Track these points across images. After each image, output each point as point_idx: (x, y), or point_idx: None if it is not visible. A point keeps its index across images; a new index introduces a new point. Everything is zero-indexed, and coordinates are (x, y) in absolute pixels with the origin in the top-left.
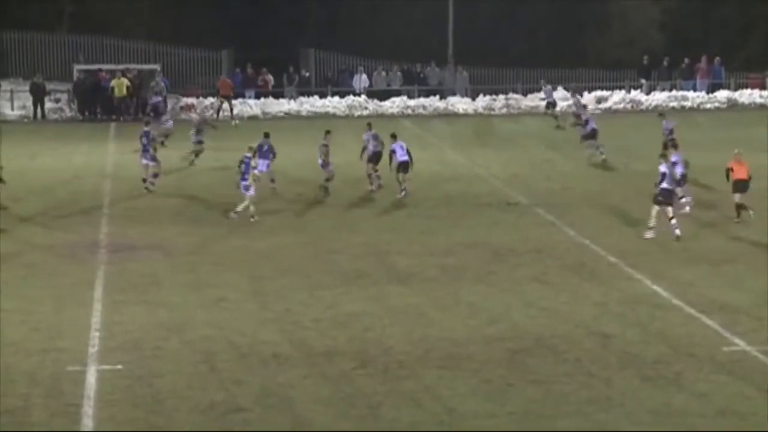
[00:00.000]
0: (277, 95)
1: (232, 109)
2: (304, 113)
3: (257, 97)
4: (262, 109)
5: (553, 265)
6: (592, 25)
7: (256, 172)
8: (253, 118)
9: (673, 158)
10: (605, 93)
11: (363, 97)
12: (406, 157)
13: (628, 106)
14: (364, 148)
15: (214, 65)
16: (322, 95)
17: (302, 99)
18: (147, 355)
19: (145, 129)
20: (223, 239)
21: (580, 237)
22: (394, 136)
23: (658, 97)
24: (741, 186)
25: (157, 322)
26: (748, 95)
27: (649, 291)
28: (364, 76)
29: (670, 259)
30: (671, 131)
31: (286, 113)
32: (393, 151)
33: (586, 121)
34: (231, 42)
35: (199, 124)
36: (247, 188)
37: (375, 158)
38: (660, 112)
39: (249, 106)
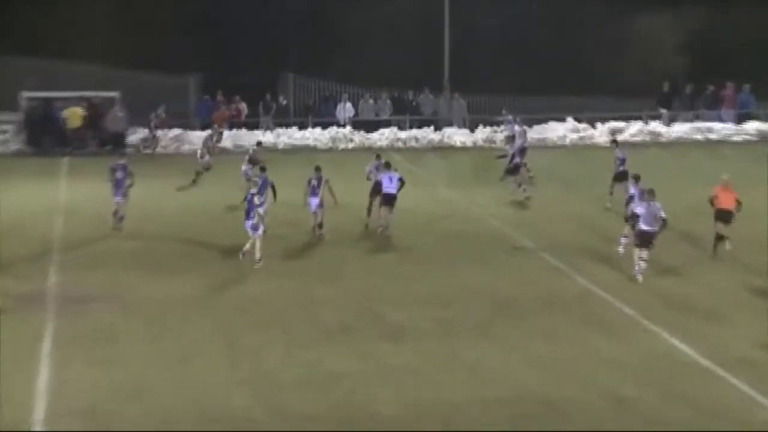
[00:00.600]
0: (251, 126)
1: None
2: (281, 146)
3: (229, 127)
4: (233, 141)
5: (561, 316)
6: (605, 47)
7: (260, 210)
8: (223, 152)
9: (632, 189)
10: (620, 124)
11: (348, 128)
12: (392, 190)
13: (647, 138)
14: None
15: (180, 92)
16: (302, 126)
17: (279, 130)
18: (101, 423)
19: (121, 162)
20: (189, 287)
21: (591, 284)
22: (387, 165)
23: (680, 129)
24: (724, 215)
25: (112, 383)
26: None
27: (668, 346)
28: (349, 105)
29: (691, 310)
30: (623, 161)
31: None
32: (379, 182)
33: (512, 156)
34: (200, 66)
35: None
36: (255, 228)
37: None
38: (613, 139)
39: None
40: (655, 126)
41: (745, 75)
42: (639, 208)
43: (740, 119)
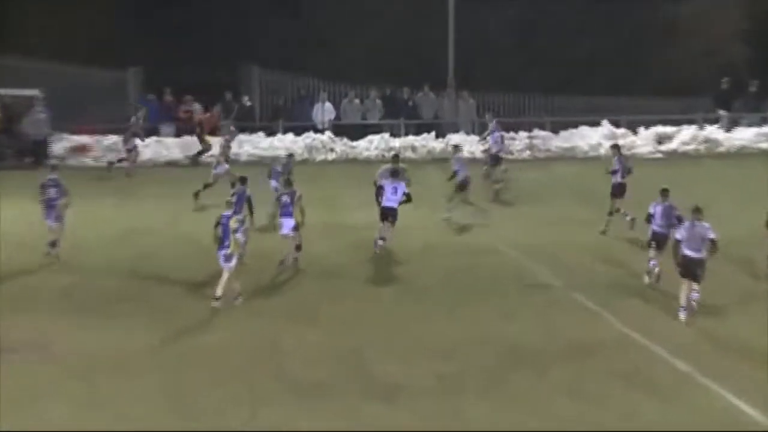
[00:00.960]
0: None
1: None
2: (244, 157)
3: (178, 134)
4: (183, 151)
5: (594, 370)
6: (650, 36)
7: (238, 235)
8: (172, 163)
9: (652, 207)
10: (668, 129)
11: (327, 134)
12: (393, 204)
13: (702, 147)
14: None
15: (116, 89)
16: (270, 132)
17: (242, 137)
18: None
19: (51, 177)
20: (130, 334)
21: (630, 330)
22: (395, 173)
23: (743, 136)
24: None
25: None
26: None
27: (725, 404)
28: (329, 105)
29: (750, 357)
30: (622, 173)
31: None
32: (381, 187)
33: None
34: (141, 58)
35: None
36: (228, 258)
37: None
38: (614, 143)
39: (165, 146)
40: (712, 131)
41: None
42: (679, 232)
43: None
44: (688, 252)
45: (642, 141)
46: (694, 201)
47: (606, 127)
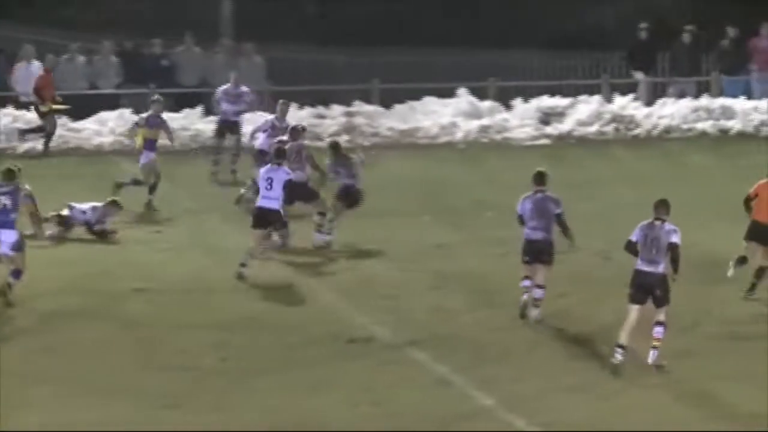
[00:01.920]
0: None
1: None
2: None
3: None
4: None
5: None
6: None
7: None
8: None
9: (519, 208)
10: (559, 102)
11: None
12: (269, 204)
13: (607, 129)
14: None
15: None
16: None
17: None
18: None
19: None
20: None
21: (493, 400)
22: (280, 154)
23: (673, 111)
24: (762, 232)
25: None
26: None
27: None
28: (37, 65)
29: None
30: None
31: None
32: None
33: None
34: None
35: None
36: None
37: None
38: (334, 142)
39: None
40: (625, 104)
41: None
42: (635, 234)
43: None
44: (641, 266)
45: (518, 120)
46: (592, 220)
47: (464, 98)
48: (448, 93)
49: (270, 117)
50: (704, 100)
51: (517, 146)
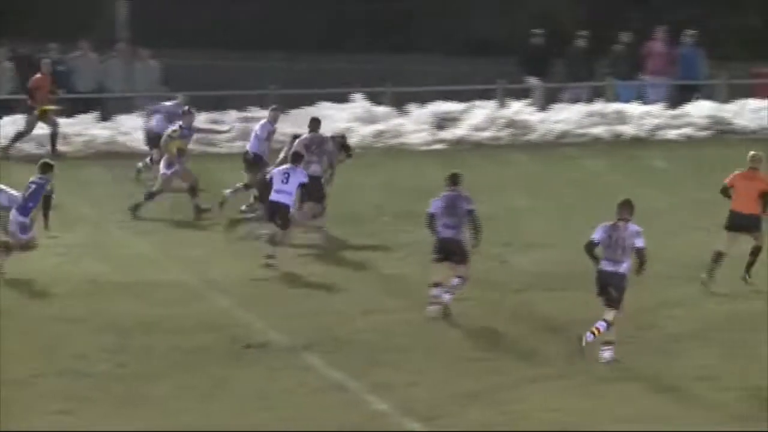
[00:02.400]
0: None
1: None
2: None
3: None
4: None
5: None
6: None
7: None
8: None
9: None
10: (454, 107)
11: None
12: (283, 199)
13: (502, 134)
14: None
15: None
16: None
17: None
18: None
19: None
20: None
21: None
22: (296, 158)
23: (566, 117)
24: (739, 221)
25: None
26: (754, 111)
27: None
28: None
29: None
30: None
31: None
32: (270, 179)
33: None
34: None
35: None
36: None
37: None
38: (295, 135)
39: None
40: (519, 110)
41: (686, 18)
42: (597, 233)
43: (680, 96)
44: (604, 265)
45: (414, 125)
46: (488, 224)
47: (360, 103)
48: (344, 98)
49: (263, 122)
50: (598, 105)
51: (413, 151)
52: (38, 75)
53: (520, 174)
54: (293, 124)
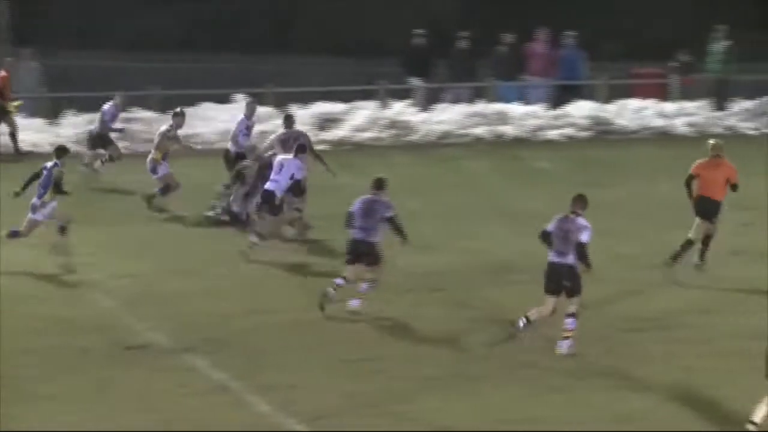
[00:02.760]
0: None
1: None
2: None
3: None
4: None
5: None
6: None
7: None
8: None
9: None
10: (336, 107)
11: None
12: (273, 187)
13: (384, 135)
14: None
15: None
16: None
17: None
18: None
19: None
20: None
21: (279, 413)
22: (300, 149)
23: (447, 117)
24: (707, 206)
25: None
26: (634, 112)
27: None
28: None
29: None
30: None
31: None
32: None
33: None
34: None
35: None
36: None
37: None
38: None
39: None
40: (401, 111)
41: (565, 19)
42: (551, 225)
43: (561, 96)
44: (553, 257)
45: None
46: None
47: (242, 104)
48: (226, 99)
49: (240, 118)
50: (479, 106)
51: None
52: (2, 74)
53: (403, 175)
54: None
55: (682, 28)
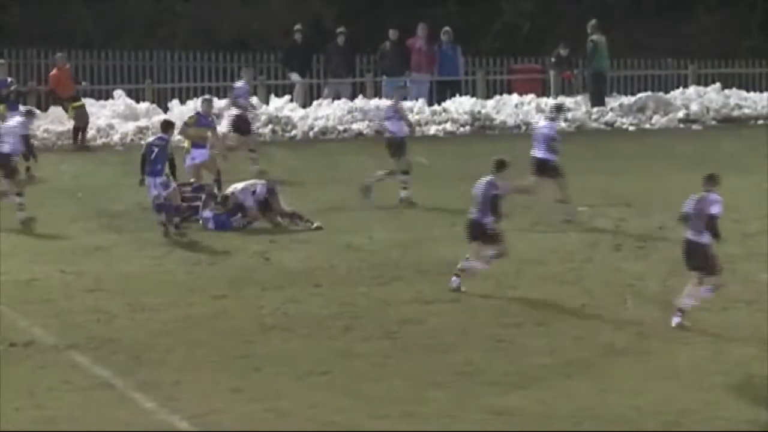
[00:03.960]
0: None
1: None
2: None
3: None
4: None
5: None
6: None
7: None
8: None
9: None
10: (217, 104)
11: None
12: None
13: (265, 131)
14: None
15: None
16: None
17: None
18: None
19: None
20: None
21: (174, 415)
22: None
23: (328, 113)
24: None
25: None
26: (513, 108)
27: None
28: None
29: None
30: None
31: None
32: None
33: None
34: None
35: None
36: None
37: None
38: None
39: None
40: (281, 106)
41: (443, 15)
42: (686, 204)
43: (439, 92)
44: (688, 235)
45: (176, 121)
46: None
47: (121, 99)
48: (106, 95)
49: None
50: (359, 102)
51: (175, 147)
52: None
53: (283, 170)
54: (55, 121)
55: (561, 24)
